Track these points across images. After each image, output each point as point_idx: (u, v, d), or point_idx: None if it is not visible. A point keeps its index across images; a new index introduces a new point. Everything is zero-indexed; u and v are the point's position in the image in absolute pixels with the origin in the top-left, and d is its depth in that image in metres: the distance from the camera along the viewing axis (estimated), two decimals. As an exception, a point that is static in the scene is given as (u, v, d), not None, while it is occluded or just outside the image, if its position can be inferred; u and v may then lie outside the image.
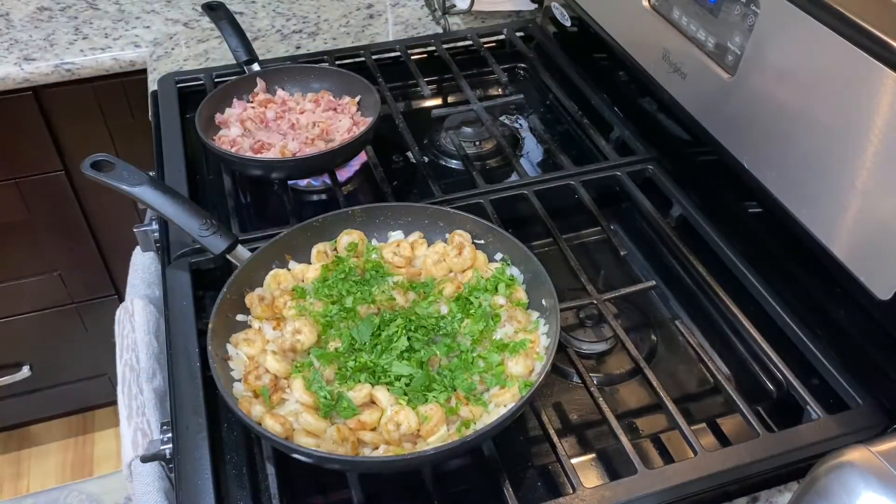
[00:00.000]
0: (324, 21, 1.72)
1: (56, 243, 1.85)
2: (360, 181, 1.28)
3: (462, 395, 0.81)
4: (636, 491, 0.77)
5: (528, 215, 1.13)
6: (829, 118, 0.83)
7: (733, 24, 0.95)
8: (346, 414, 0.79)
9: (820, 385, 0.90)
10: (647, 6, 1.14)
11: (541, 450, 0.88)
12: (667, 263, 1.12)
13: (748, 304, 0.98)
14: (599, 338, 0.99)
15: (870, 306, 0.82)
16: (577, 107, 1.36)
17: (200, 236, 0.94)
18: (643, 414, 0.93)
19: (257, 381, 0.82)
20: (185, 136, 1.28)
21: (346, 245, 0.97)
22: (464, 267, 0.95)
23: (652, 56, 1.15)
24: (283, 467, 0.82)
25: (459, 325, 0.89)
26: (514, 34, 1.57)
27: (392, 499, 0.85)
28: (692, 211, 1.11)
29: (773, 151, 0.92)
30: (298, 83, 1.31)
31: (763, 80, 0.92)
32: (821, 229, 0.87)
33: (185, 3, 1.79)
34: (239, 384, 0.83)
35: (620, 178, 1.19)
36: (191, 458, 0.82)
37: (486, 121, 1.32)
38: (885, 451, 0.61)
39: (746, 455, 0.80)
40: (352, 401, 0.80)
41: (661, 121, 1.23)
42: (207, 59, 1.58)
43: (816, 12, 0.81)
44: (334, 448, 0.76)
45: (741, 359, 0.99)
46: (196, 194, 1.21)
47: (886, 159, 0.77)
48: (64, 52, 1.60)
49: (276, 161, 1.15)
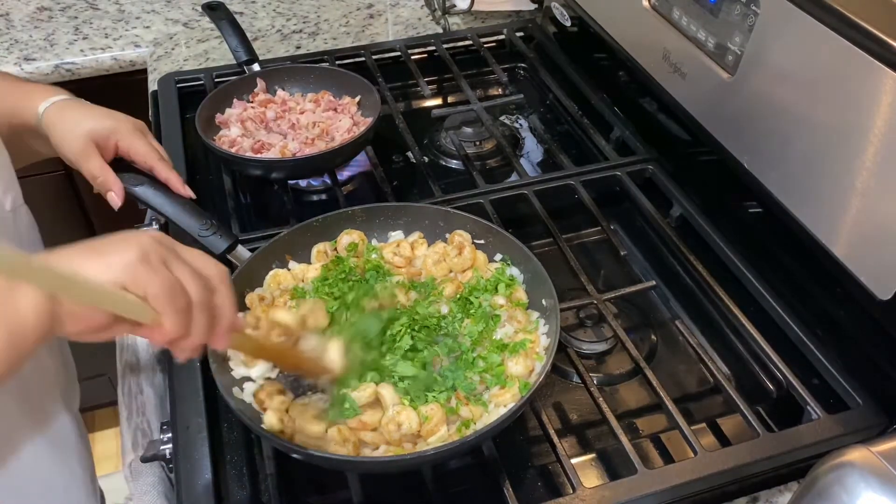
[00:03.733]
0: (324, 21, 1.72)
1: (56, 243, 1.84)
2: (361, 181, 1.28)
3: (462, 395, 0.81)
4: (636, 491, 0.77)
5: (528, 215, 1.13)
6: (829, 118, 0.83)
7: (733, 24, 0.95)
8: (349, 414, 0.79)
9: (820, 385, 0.90)
10: (647, 6, 1.14)
11: (541, 450, 0.88)
12: (667, 263, 1.12)
13: (748, 304, 0.98)
14: (599, 338, 0.99)
15: (870, 306, 0.82)
16: (577, 107, 1.36)
17: (200, 236, 0.94)
18: (643, 414, 0.93)
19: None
20: (185, 136, 1.28)
21: (347, 245, 0.97)
22: (464, 267, 0.95)
23: (652, 56, 1.15)
24: (283, 467, 0.82)
25: (460, 325, 0.89)
26: (514, 34, 1.57)
27: (392, 499, 0.85)
28: (692, 211, 1.11)
29: (773, 151, 0.92)
30: (298, 83, 1.31)
31: (763, 80, 0.92)
32: (821, 229, 0.87)
33: (185, 3, 1.79)
34: (240, 388, 0.83)
35: (620, 178, 1.19)
36: (191, 458, 0.82)
37: (486, 121, 1.32)
38: (885, 451, 0.61)
39: (746, 455, 0.80)
40: (355, 401, 0.80)
41: (661, 121, 1.23)
42: (207, 59, 1.58)
43: (816, 12, 0.81)
44: (336, 449, 0.76)
45: (741, 359, 0.99)
46: (196, 194, 1.20)
47: (886, 159, 0.77)
48: (64, 52, 1.60)
49: (276, 161, 1.15)
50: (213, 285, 0.64)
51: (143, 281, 0.59)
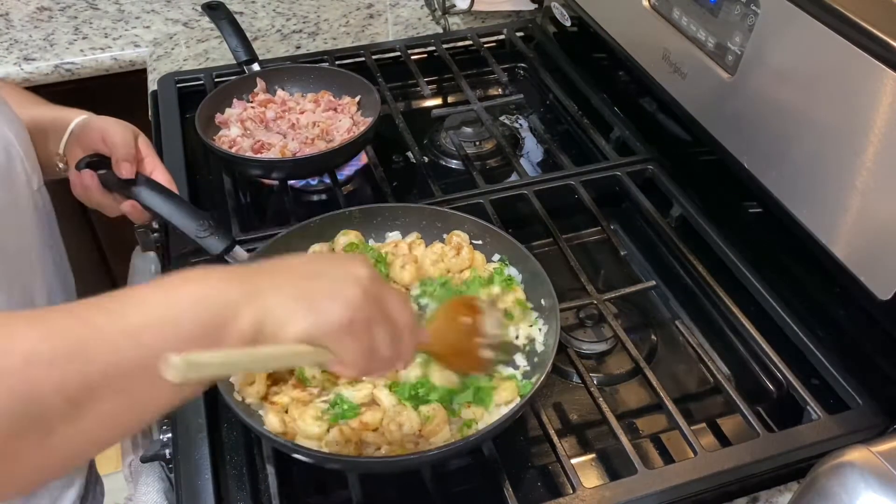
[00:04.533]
0: (324, 21, 1.72)
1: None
2: (360, 181, 1.28)
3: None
4: (636, 491, 0.77)
5: (528, 215, 1.13)
6: (829, 118, 0.83)
7: (733, 24, 0.95)
8: (349, 415, 0.79)
9: (820, 385, 0.89)
10: (647, 6, 1.14)
11: (541, 450, 0.88)
12: (667, 263, 1.12)
13: (748, 304, 0.97)
14: (599, 338, 0.99)
15: (870, 306, 0.82)
16: (577, 107, 1.36)
17: (198, 237, 0.94)
18: (643, 414, 0.93)
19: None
20: (185, 136, 1.28)
21: (344, 246, 0.97)
22: (462, 267, 0.95)
23: (652, 56, 1.15)
24: (283, 467, 0.82)
25: None
26: (514, 34, 1.57)
27: (392, 499, 0.85)
28: (692, 211, 1.11)
29: (773, 151, 0.92)
30: (298, 83, 1.31)
31: (763, 80, 0.92)
32: (821, 229, 0.87)
33: (185, 3, 1.79)
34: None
35: (620, 178, 1.18)
36: (191, 458, 0.82)
37: (486, 121, 1.32)
38: (885, 451, 0.61)
39: (746, 455, 0.80)
40: (351, 400, 0.80)
41: (661, 121, 1.23)
42: (207, 59, 1.58)
43: (816, 12, 0.81)
44: (338, 449, 0.76)
45: (741, 359, 0.99)
46: (196, 194, 1.21)
47: (886, 159, 0.77)
48: (64, 52, 1.60)
49: (276, 161, 1.15)
50: (401, 335, 0.63)
51: (344, 349, 0.58)
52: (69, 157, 0.95)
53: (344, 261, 0.65)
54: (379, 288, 0.61)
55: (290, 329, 0.55)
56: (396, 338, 0.62)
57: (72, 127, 0.95)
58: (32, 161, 0.87)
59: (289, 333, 0.55)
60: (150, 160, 0.97)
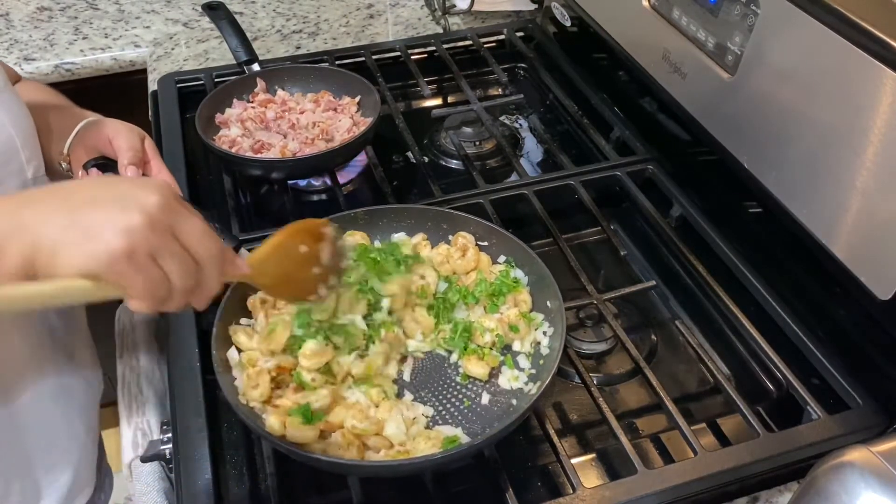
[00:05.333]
0: (324, 21, 1.72)
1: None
2: (360, 181, 1.28)
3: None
4: (636, 491, 0.77)
5: (528, 215, 1.13)
6: (829, 118, 0.83)
7: (733, 24, 0.95)
8: (319, 417, 0.78)
9: (820, 385, 0.90)
10: (647, 6, 1.14)
11: (541, 450, 0.88)
12: (667, 263, 1.12)
13: (748, 304, 0.97)
14: (599, 338, 0.99)
15: (870, 306, 0.82)
16: (577, 107, 1.36)
17: None
18: (643, 414, 0.93)
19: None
20: (185, 136, 1.28)
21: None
22: (467, 269, 0.95)
23: (652, 56, 1.15)
24: (283, 467, 0.82)
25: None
26: (514, 34, 1.57)
27: (392, 499, 0.85)
28: (692, 211, 1.11)
29: (773, 151, 0.92)
30: (298, 83, 1.31)
31: (763, 80, 0.92)
32: (821, 229, 0.87)
33: (185, 3, 1.79)
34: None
35: (620, 178, 1.19)
36: (191, 458, 0.82)
37: (486, 121, 1.32)
38: (885, 451, 0.61)
39: (746, 455, 0.80)
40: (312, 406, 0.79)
41: (661, 121, 1.23)
42: (207, 59, 1.58)
43: (816, 12, 0.81)
44: (340, 453, 0.76)
45: (741, 359, 0.99)
46: (196, 194, 1.21)
47: (886, 159, 0.77)
48: (64, 52, 1.60)
49: (276, 161, 1.15)
50: (202, 267, 0.59)
51: (125, 280, 0.54)
52: (72, 158, 0.95)
53: (130, 185, 0.58)
54: (172, 215, 0.56)
55: (62, 262, 0.51)
56: (194, 269, 0.58)
57: (78, 128, 0.95)
58: (30, 149, 0.85)
59: (63, 267, 0.51)
60: (155, 163, 0.97)
